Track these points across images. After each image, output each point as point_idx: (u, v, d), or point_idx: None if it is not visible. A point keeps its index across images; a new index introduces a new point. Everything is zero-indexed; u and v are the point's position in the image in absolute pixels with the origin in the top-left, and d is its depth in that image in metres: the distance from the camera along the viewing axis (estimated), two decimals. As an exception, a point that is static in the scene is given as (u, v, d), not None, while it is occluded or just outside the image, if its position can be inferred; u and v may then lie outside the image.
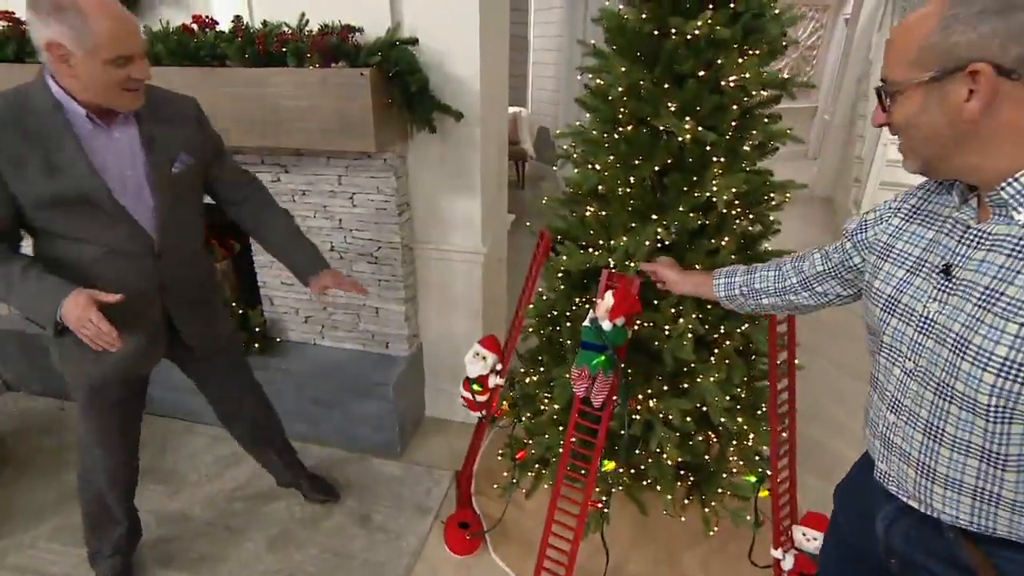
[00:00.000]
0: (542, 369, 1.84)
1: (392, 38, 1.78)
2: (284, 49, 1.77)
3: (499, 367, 1.79)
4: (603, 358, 1.37)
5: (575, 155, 1.67)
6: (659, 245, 1.48)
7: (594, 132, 1.54)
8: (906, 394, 0.84)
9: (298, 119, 1.80)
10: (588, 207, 1.62)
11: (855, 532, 1.04)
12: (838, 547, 1.13)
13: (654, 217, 1.47)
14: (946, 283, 0.78)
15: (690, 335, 1.47)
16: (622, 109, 1.47)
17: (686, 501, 1.67)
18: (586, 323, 1.42)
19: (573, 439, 1.56)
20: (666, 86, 1.41)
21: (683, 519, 1.65)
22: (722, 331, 1.56)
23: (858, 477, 1.05)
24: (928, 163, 0.78)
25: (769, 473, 1.60)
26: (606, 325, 1.35)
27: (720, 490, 1.63)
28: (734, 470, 1.70)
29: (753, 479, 1.61)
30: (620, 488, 1.63)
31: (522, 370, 1.92)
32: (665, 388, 1.54)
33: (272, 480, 2.12)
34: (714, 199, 1.42)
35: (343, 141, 1.81)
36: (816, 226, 5.24)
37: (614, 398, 1.49)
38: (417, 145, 2.03)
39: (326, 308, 2.30)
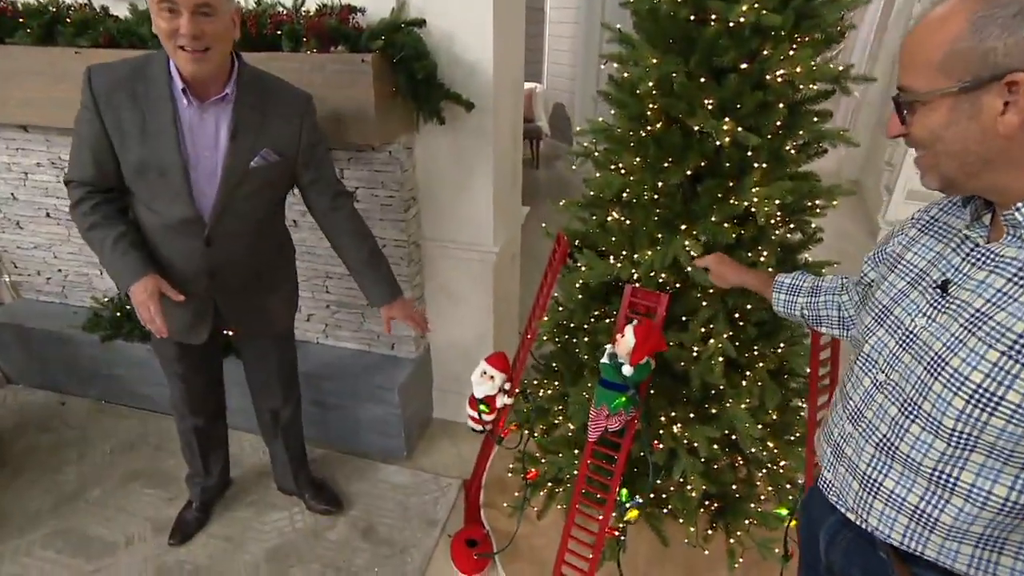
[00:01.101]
0: (556, 383, 1.71)
1: (397, 20, 1.62)
2: (279, 32, 1.62)
3: (507, 386, 1.67)
4: (624, 399, 1.26)
5: (596, 153, 1.51)
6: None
7: (619, 129, 1.38)
8: (869, 406, 0.81)
9: (294, 109, 1.66)
10: (611, 212, 1.47)
11: (807, 546, 1.01)
12: (802, 565, 1.07)
13: (684, 227, 1.32)
14: (940, 300, 0.73)
15: (721, 358, 1.33)
16: (651, 105, 1.31)
17: (709, 531, 1.56)
18: (604, 360, 1.29)
19: (589, 464, 1.45)
20: (702, 80, 1.24)
21: (706, 552, 1.53)
22: (755, 351, 1.42)
23: (812, 490, 0.99)
24: (951, 181, 0.71)
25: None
26: (627, 370, 1.24)
27: (747, 520, 1.51)
28: (762, 497, 1.57)
29: (785, 512, 1.49)
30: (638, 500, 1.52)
31: (535, 381, 1.80)
32: (691, 415, 1.40)
33: (274, 486, 2.04)
34: (753, 209, 1.26)
35: (343, 133, 1.66)
36: (842, 212, 5.00)
37: (635, 423, 1.37)
38: (425, 136, 1.87)
39: (329, 307, 2.19)
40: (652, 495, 1.54)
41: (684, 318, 1.40)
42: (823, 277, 1.13)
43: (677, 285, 1.40)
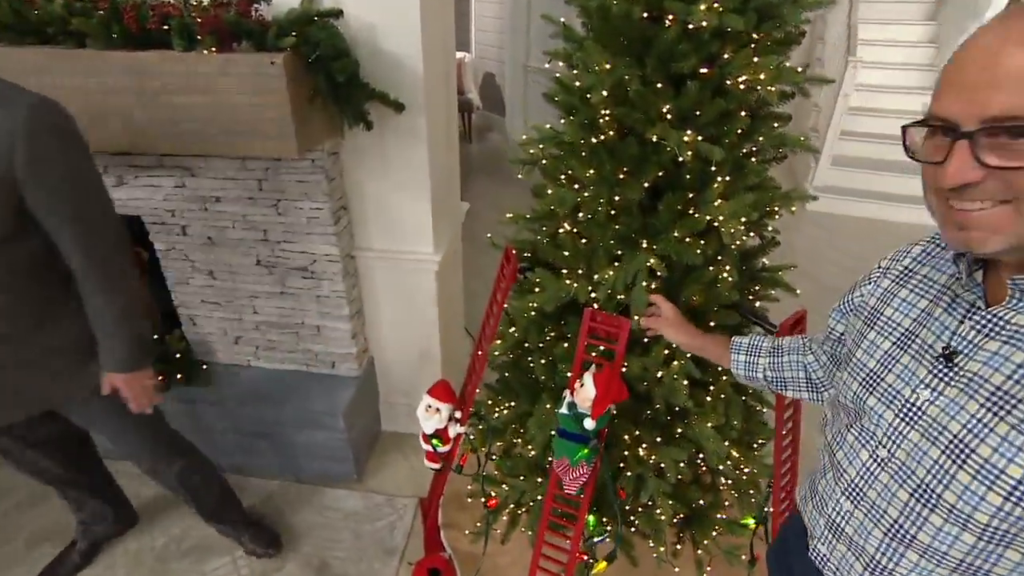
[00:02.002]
0: (511, 403, 1.62)
1: (309, 11, 1.41)
2: (166, 27, 1.37)
3: (458, 415, 1.56)
4: (586, 451, 1.18)
5: (544, 161, 1.39)
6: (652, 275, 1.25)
7: (568, 137, 1.26)
8: (871, 484, 0.73)
9: (192, 118, 1.43)
10: (563, 224, 1.36)
11: None
12: None
13: (644, 243, 1.23)
14: (944, 370, 0.66)
15: (686, 380, 1.27)
16: (604, 112, 1.19)
17: (678, 546, 1.54)
18: (563, 410, 1.21)
19: (556, 494, 1.38)
20: (659, 85, 1.13)
21: (676, 569, 1.51)
22: (719, 369, 1.37)
23: (793, 544, 0.93)
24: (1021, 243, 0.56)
25: (768, 509, 1.47)
26: (589, 424, 1.16)
27: (714, 529, 1.50)
28: (727, 503, 1.56)
29: (751, 521, 1.48)
30: (606, 540, 1.47)
31: (489, 401, 1.70)
32: (658, 438, 1.35)
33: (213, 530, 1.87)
34: (717, 225, 1.19)
35: (255, 145, 1.45)
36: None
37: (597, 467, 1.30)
38: (352, 140, 1.68)
39: (259, 327, 1.99)
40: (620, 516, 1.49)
41: (645, 340, 1.33)
42: (782, 339, 1.09)
43: (638, 304, 1.31)
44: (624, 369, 1.30)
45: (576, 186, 1.30)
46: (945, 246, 0.75)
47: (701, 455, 1.43)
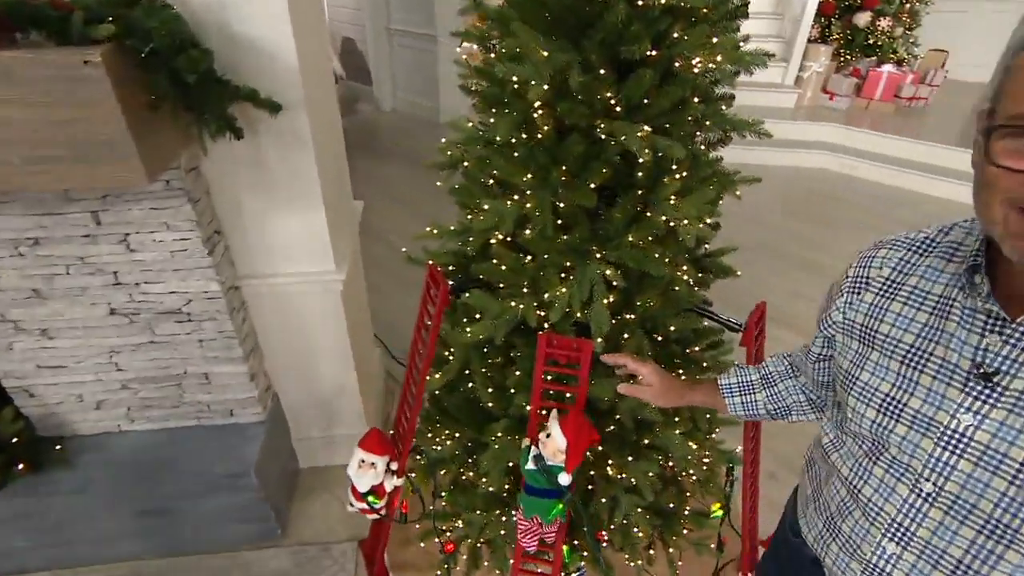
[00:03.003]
0: (453, 431, 1.44)
1: (129, -11, 1.06)
2: (-92, 19, 0.96)
3: (394, 466, 1.37)
4: (560, 506, 1.06)
5: (467, 163, 1.18)
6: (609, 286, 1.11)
7: (498, 137, 1.06)
8: (921, 523, 0.67)
9: (-20, 146, 1.04)
10: (495, 236, 1.17)
11: None
12: None
13: (597, 253, 1.09)
14: (985, 391, 0.61)
15: (657, 395, 1.17)
16: (539, 108, 1.00)
17: (651, 552, 1.48)
18: (529, 466, 1.06)
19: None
20: (602, 71, 0.96)
21: (653, 575, 1.46)
22: (680, 371, 1.29)
23: (795, 567, 0.89)
24: None
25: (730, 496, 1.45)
26: (565, 479, 1.03)
27: (683, 526, 1.46)
28: (687, 493, 1.52)
29: (720, 511, 1.45)
30: (583, 572, 1.38)
31: (428, 433, 1.51)
32: (630, 456, 1.25)
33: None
34: (673, 225, 1.07)
35: (78, 174, 1.09)
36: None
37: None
38: (215, 149, 1.35)
39: (126, 386, 1.61)
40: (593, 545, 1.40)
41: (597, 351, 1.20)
42: (764, 363, 1.02)
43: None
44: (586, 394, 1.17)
45: (509, 192, 1.12)
46: (921, 249, 0.70)
47: (667, 460, 1.36)
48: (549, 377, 1.17)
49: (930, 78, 5.47)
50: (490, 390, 1.30)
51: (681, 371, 1.29)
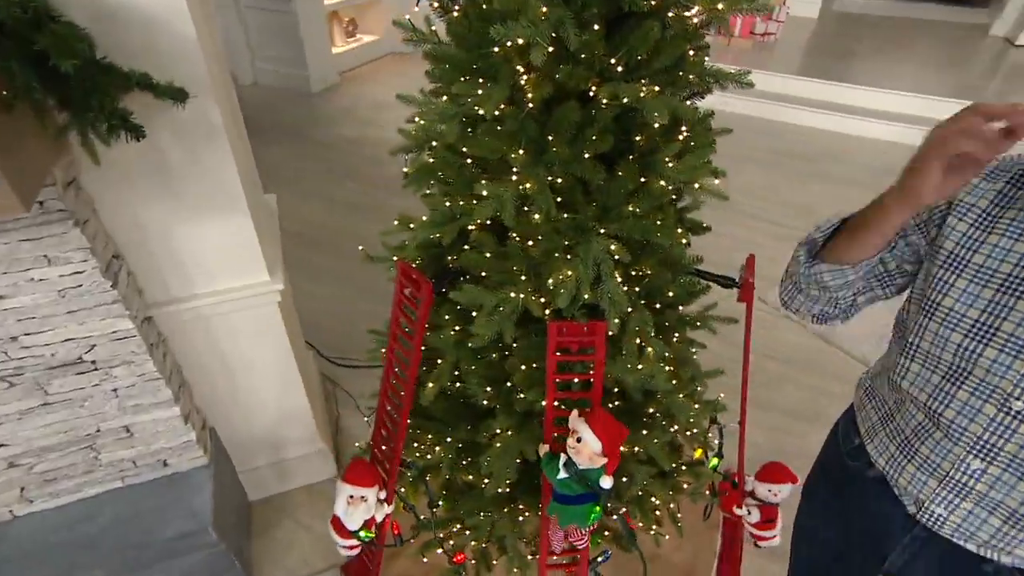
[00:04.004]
0: (448, 439, 1.33)
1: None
2: None
3: (383, 495, 1.24)
4: (599, 509, 1.01)
5: (435, 143, 1.03)
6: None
7: (485, 111, 0.91)
8: (1009, 439, 0.72)
9: None
10: (475, 223, 1.05)
11: (843, 531, 1.01)
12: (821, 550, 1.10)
13: (601, 231, 1.00)
14: None
15: (667, 368, 1.14)
16: (530, 73, 0.88)
17: (656, 513, 1.49)
18: (562, 475, 0.98)
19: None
20: (596, 27, 0.86)
21: (667, 536, 1.48)
22: (672, 332, 1.27)
23: (856, 490, 0.94)
24: None
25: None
26: (607, 482, 0.97)
27: (684, 482, 1.48)
28: (680, 446, 1.55)
29: (716, 461, 1.49)
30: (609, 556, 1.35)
31: (414, 444, 1.38)
32: (643, 430, 1.22)
33: None
34: (671, 188, 1.01)
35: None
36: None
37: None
38: (107, 155, 1.06)
39: (15, 462, 1.29)
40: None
41: (611, 333, 1.14)
42: None
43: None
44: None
45: (491, 173, 1.00)
46: (1012, 182, 0.71)
47: (671, 424, 1.35)
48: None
49: (776, 14, 5.90)
50: (487, 388, 1.20)
51: (676, 333, 1.27)
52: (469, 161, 1.03)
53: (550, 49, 0.79)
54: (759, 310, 2.68)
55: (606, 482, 0.97)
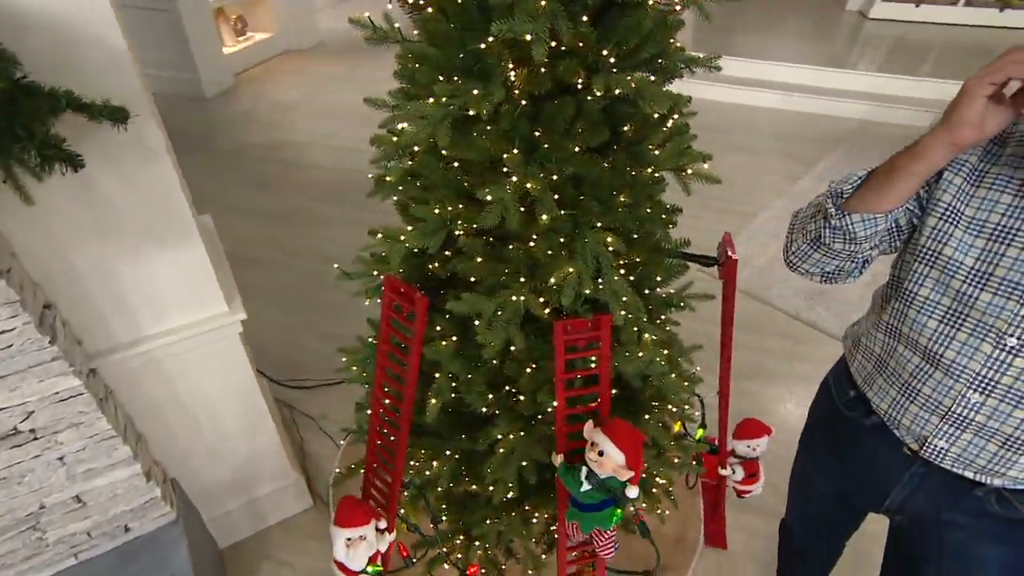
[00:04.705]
0: (446, 451, 1.28)
1: None
2: None
3: (383, 524, 1.19)
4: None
5: (417, 148, 0.97)
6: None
7: (474, 110, 0.86)
8: (1005, 372, 0.78)
9: None
10: (460, 228, 1.01)
11: (843, 477, 1.06)
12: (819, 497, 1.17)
13: (598, 223, 0.99)
14: None
15: (664, 352, 1.16)
16: (514, 69, 0.84)
17: (654, 491, 1.52)
18: (585, 488, 0.98)
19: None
20: (584, 19, 0.83)
21: (667, 512, 1.51)
22: (661, 317, 1.29)
23: (854, 439, 1.01)
24: None
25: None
26: (633, 492, 0.98)
27: (675, 456, 1.52)
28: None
29: (701, 432, 1.54)
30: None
31: (410, 461, 1.32)
32: (646, 415, 1.23)
33: None
34: (658, 174, 1.02)
35: None
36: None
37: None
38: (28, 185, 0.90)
39: (-54, 557, 1.10)
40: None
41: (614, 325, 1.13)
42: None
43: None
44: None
45: (477, 177, 0.96)
46: (1007, 143, 0.77)
47: (665, 405, 1.38)
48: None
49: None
50: (489, 396, 1.16)
51: (662, 316, 1.29)
52: (456, 165, 0.98)
53: (552, 44, 0.76)
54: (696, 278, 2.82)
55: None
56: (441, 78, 0.90)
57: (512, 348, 1.12)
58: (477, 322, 1.02)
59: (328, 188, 3.50)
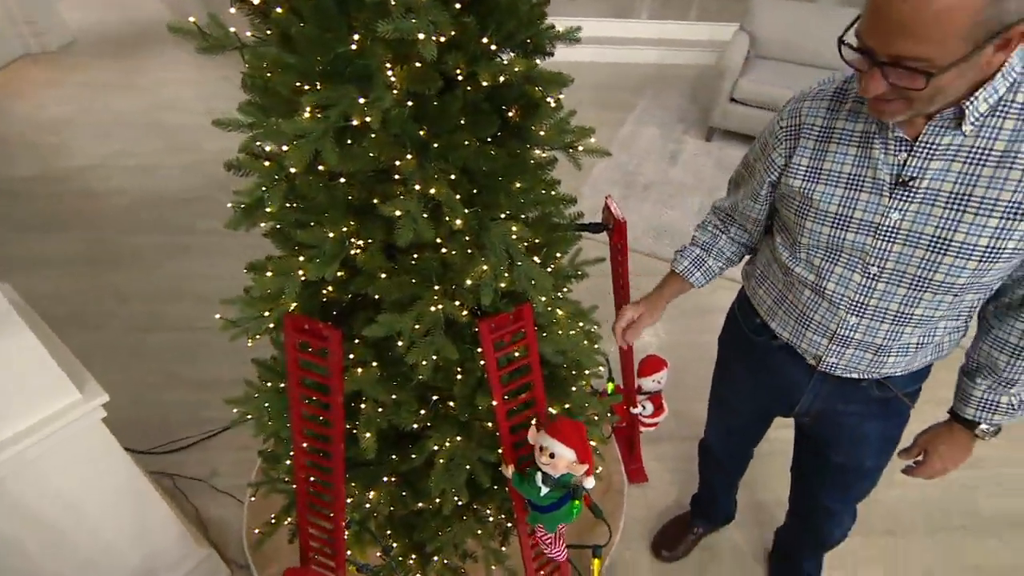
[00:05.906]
0: (384, 478, 1.21)
1: None
2: None
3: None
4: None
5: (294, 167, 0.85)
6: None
7: (368, 117, 0.78)
8: (871, 295, 0.93)
9: None
10: (356, 246, 0.93)
11: (760, 393, 1.22)
12: (740, 399, 1.32)
13: (503, 214, 0.97)
14: (904, 193, 0.83)
15: (580, 323, 1.19)
16: (391, 69, 0.77)
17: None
18: (543, 490, 1.00)
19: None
20: (458, 6, 0.78)
21: (599, 469, 1.58)
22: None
23: (765, 360, 1.14)
24: (918, 115, 0.78)
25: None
26: (591, 483, 1.02)
27: (595, 416, 1.59)
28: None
29: (612, 386, 1.62)
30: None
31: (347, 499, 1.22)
32: (573, 388, 1.26)
33: None
34: (546, 155, 1.02)
35: None
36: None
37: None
38: None
39: None
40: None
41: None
42: (695, 236, 1.21)
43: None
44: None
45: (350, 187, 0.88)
46: (832, 98, 0.89)
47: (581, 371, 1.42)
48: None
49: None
50: (420, 411, 1.11)
51: (566, 288, 1.32)
52: (342, 180, 0.88)
53: (442, 39, 0.70)
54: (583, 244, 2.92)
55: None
56: (307, 87, 0.80)
57: (436, 359, 1.08)
58: (400, 343, 0.96)
59: (136, 216, 3.00)
